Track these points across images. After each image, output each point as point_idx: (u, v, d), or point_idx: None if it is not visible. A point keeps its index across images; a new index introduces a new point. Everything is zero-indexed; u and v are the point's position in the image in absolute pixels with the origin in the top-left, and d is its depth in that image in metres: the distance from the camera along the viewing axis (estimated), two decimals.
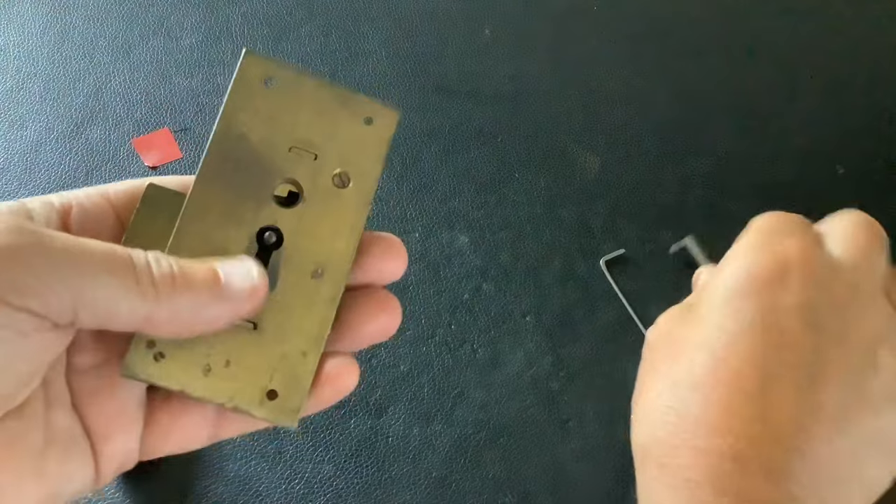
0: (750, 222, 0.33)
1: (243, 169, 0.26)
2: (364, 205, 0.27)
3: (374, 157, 0.27)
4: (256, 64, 0.27)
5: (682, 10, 0.71)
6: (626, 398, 0.54)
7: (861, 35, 0.72)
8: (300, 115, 0.27)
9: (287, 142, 0.26)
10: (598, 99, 0.65)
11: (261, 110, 0.26)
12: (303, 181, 0.26)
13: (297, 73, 0.27)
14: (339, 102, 0.27)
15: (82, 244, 0.21)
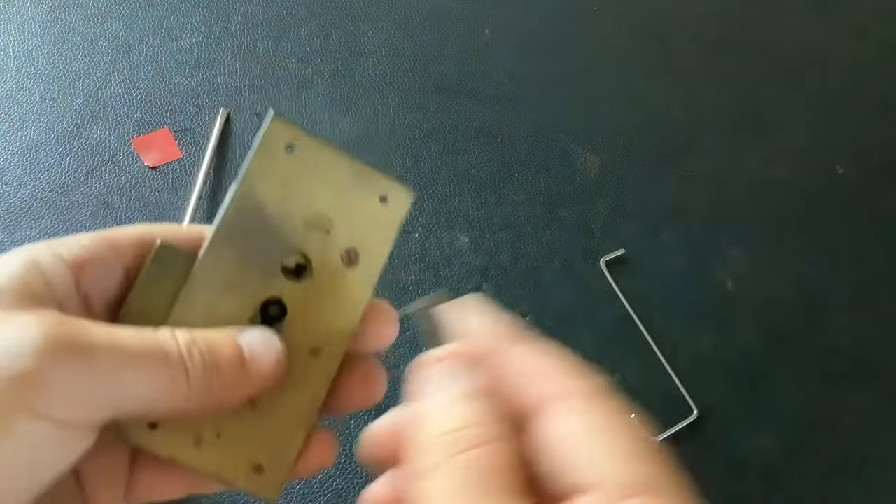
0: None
1: (256, 238, 0.26)
2: (369, 285, 0.27)
3: (384, 237, 0.27)
4: (282, 130, 0.26)
5: (681, 11, 0.71)
6: (625, 398, 0.54)
7: (861, 35, 0.72)
8: (318, 188, 0.26)
9: (302, 214, 0.26)
10: (598, 99, 0.65)
11: (280, 178, 0.26)
12: (313, 255, 0.26)
13: (320, 144, 0.26)
14: (357, 177, 0.27)
15: (117, 343, 0.21)
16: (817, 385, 0.56)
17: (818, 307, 0.59)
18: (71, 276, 0.23)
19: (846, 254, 0.61)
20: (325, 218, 0.26)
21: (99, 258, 0.24)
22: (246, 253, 0.26)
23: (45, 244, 0.24)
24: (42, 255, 0.23)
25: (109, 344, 0.21)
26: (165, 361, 0.22)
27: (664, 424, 0.52)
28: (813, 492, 0.52)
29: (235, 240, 0.26)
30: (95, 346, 0.21)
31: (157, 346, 0.22)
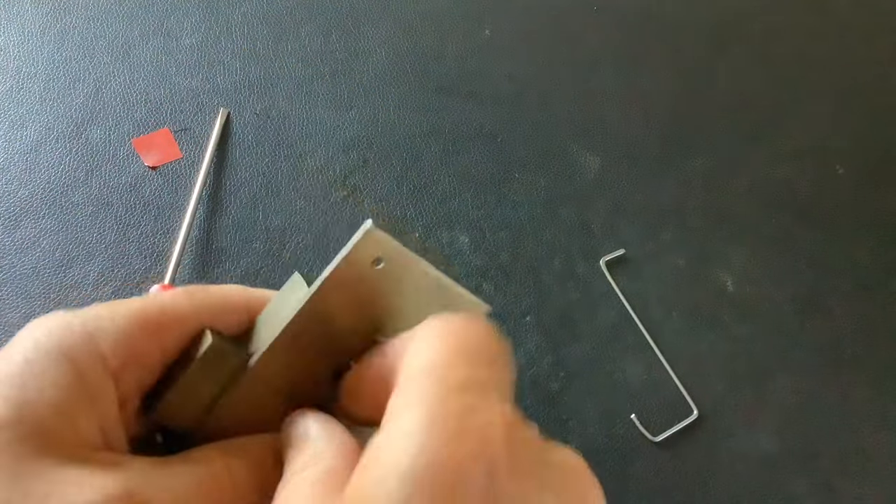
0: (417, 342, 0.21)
1: (314, 350, 0.24)
2: None
3: None
4: (376, 243, 0.23)
5: (681, 11, 0.71)
6: (626, 398, 0.54)
7: (861, 36, 0.72)
8: (394, 303, 0.24)
9: (370, 328, 0.24)
10: (598, 99, 0.65)
11: (357, 294, 0.24)
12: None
13: (410, 260, 0.24)
14: (440, 295, 0.25)
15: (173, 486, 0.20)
16: (817, 384, 0.56)
17: (818, 307, 0.59)
18: (111, 383, 0.20)
19: (846, 254, 0.61)
20: (393, 333, 0.24)
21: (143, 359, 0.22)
22: (301, 360, 0.24)
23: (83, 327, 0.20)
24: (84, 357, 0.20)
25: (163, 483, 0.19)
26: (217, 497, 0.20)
27: (664, 424, 0.53)
28: (813, 492, 0.52)
29: (294, 349, 0.24)
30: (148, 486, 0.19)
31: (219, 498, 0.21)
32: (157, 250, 0.54)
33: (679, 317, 0.57)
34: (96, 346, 0.20)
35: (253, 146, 0.59)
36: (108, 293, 0.52)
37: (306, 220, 0.57)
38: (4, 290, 0.52)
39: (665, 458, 0.52)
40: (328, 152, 0.60)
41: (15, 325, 0.51)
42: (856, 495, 0.53)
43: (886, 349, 0.58)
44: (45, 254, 0.53)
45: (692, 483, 0.51)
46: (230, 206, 0.57)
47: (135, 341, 0.21)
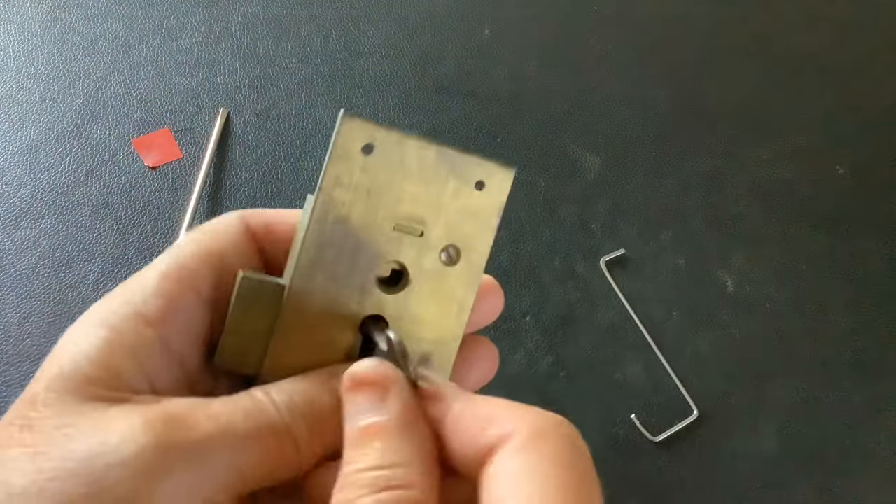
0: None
1: (344, 255, 0.23)
2: (474, 281, 0.25)
3: (485, 226, 0.24)
4: (356, 129, 0.23)
5: (682, 11, 0.71)
6: (626, 398, 0.54)
7: (862, 36, 0.72)
8: (404, 186, 0.23)
9: (390, 219, 0.24)
10: (598, 99, 0.65)
11: (360, 184, 0.23)
12: (408, 262, 0.24)
13: (401, 137, 0.23)
14: (447, 166, 0.24)
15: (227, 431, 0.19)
16: (817, 385, 0.56)
17: (818, 307, 0.59)
18: (155, 336, 0.21)
19: (846, 254, 0.61)
20: (416, 219, 0.24)
21: (180, 304, 0.22)
22: (336, 272, 0.23)
23: (120, 301, 0.21)
24: (121, 321, 0.21)
25: (221, 436, 0.19)
26: (275, 437, 0.20)
27: (664, 424, 0.52)
28: (813, 492, 0.52)
29: (323, 260, 0.23)
30: (207, 443, 0.19)
31: (266, 423, 0.20)
32: (157, 250, 0.54)
33: (679, 317, 0.57)
34: (132, 306, 0.21)
35: (253, 146, 0.59)
36: (107, 293, 0.52)
37: None
38: (4, 290, 0.52)
39: (665, 458, 0.52)
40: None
41: (15, 324, 0.51)
42: (856, 495, 0.53)
43: (886, 349, 0.58)
44: (45, 254, 0.53)
45: (692, 483, 0.51)
46: (230, 206, 0.57)
47: (170, 292, 0.22)
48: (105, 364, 0.20)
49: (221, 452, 0.19)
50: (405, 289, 0.24)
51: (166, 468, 0.18)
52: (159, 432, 0.19)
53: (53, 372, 0.20)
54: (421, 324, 0.24)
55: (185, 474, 0.19)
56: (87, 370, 0.20)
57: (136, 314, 0.21)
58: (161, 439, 0.19)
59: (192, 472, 0.19)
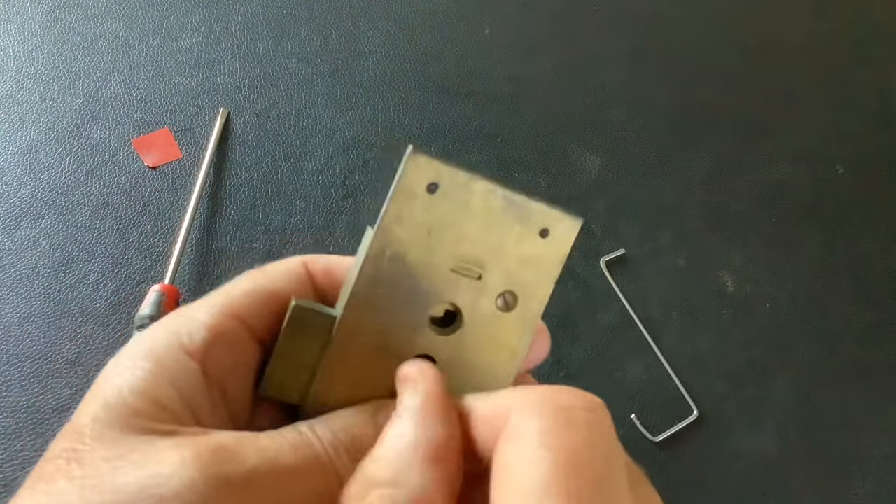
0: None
1: (398, 292, 0.23)
2: (529, 330, 0.24)
3: (546, 275, 0.24)
4: (423, 167, 0.22)
5: (681, 11, 0.71)
6: (625, 398, 0.54)
7: (862, 36, 0.72)
8: (466, 228, 0.23)
9: (448, 261, 0.23)
10: (598, 99, 0.65)
11: (421, 224, 0.23)
12: (463, 305, 0.23)
13: (468, 178, 0.23)
14: (512, 212, 0.23)
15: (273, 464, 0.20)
16: (817, 385, 0.56)
17: (818, 307, 0.59)
18: (197, 369, 0.21)
19: (846, 254, 0.61)
20: (475, 262, 0.23)
21: (224, 336, 0.22)
22: (389, 309, 0.23)
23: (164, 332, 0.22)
24: (164, 353, 0.21)
25: (267, 469, 0.19)
26: (321, 471, 0.20)
27: (664, 424, 0.52)
28: (813, 492, 0.52)
29: (377, 296, 0.23)
30: (254, 475, 0.19)
31: (311, 457, 0.20)
32: (157, 250, 0.54)
33: (679, 317, 0.57)
34: (176, 337, 0.21)
35: (253, 146, 0.59)
36: (108, 293, 0.52)
37: (306, 220, 0.57)
38: (4, 290, 0.52)
39: (665, 458, 0.52)
40: (328, 152, 0.60)
41: (15, 324, 0.51)
42: (856, 495, 0.53)
43: (886, 349, 0.58)
44: (45, 254, 0.53)
45: (692, 483, 0.51)
46: (230, 206, 0.57)
47: (215, 325, 0.22)
48: (150, 395, 0.20)
49: (269, 485, 0.19)
50: (458, 331, 0.24)
51: (217, 499, 0.18)
52: (210, 464, 0.19)
53: (99, 403, 0.20)
54: (471, 368, 0.24)
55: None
56: (133, 402, 0.20)
57: (180, 346, 0.21)
58: (211, 471, 0.19)
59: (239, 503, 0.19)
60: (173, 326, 0.22)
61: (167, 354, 0.21)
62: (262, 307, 0.23)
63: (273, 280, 0.24)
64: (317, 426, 0.21)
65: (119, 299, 0.52)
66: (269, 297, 0.23)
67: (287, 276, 0.24)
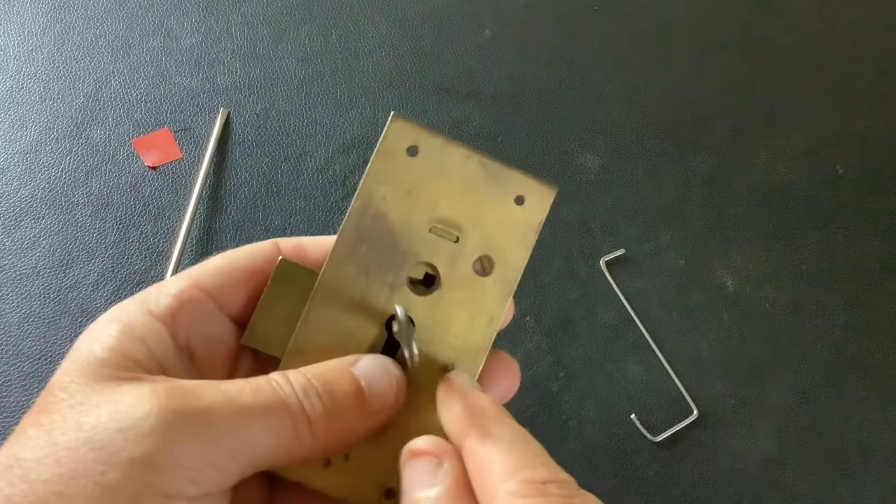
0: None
1: (378, 251, 0.24)
2: (506, 295, 0.25)
3: (521, 242, 0.25)
4: (404, 130, 0.24)
5: (682, 11, 0.71)
6: (626, 398, 0.54)
7: (862, 35, 0.72)
8: (444, 191, 0.24)
9: (427, 221, 0.24)
10: (598, 99, 0.65)
11: (402, 184, 0.24)
12: (441, 266, 0.24)
13: (447, 142, 0.24)
14: (489, 177, 0.24)
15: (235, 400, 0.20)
16: (817, 385, 0.56)
17: (818, 307, 0.59)
18: (164, 329, 0.22)
19: (846, 254, 0.61)
20: (453, 225, 0.24)
21: (190, 305, 0.23)
22: (369, 266, 0.24)
23: (133, 302, 0.23)
24: (132, 316, 0.22)
25: (227, 406, 0.20)
26: (286, 413, 0.21)
27: (664, 424, 0.53)
28: (813, 492, 0.52)
29: (357, 254, 0.24)
30: (213, 411, 0.20)
31: (276, 399, 0.21)
32: (157, 250, 0.54)
33: (679, 317, 0.57)
34: (144, 304, 0.23)
35: (253, 146, 0.59)
36: (108, 293, 0.52)
37: (306, 220, 0.57)
38: (4, 290, 0.52)
39: (665, 458, 0.52)
40: (328, 152, 0.60)
41: (15, 324, 0.51)
42: (856, 495, 0.53)
43: (886, 349, 0.58)
44: (45, 254, 0.53)
45: (692, 483, 0.51)
46: (230, 206, 0.57)
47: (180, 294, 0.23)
48: (117, 349, 0.21)
49: (227, 420, 0.20)
50: (435, 292, 0.24)
51: (172, 430, 0.19)
52: (165, 398, 0.19)
53: (69, 361, 0.21)
54: (448, 330, 0.24)
55: (192, 438, 0.19)
56: (100, 354, 0.21)
57: (147, 311, 0.23)
58: (166, 404, 0.19)
59: (199, 436, 0.19)
60: (141, 297, 0.23)
61: (135, 318, 0.22)
62: (231, 281, 0.24)
63: (243, 257, 0.25)
64: (290, 373, 0.22)
65: (119, 299, 0.52)
66: (238, 272, 0.24)
67: (256, 254, 0.25)
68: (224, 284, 0.24)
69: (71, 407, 0.20)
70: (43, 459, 0.18)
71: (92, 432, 0.19)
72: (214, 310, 0.24)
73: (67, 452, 0.19)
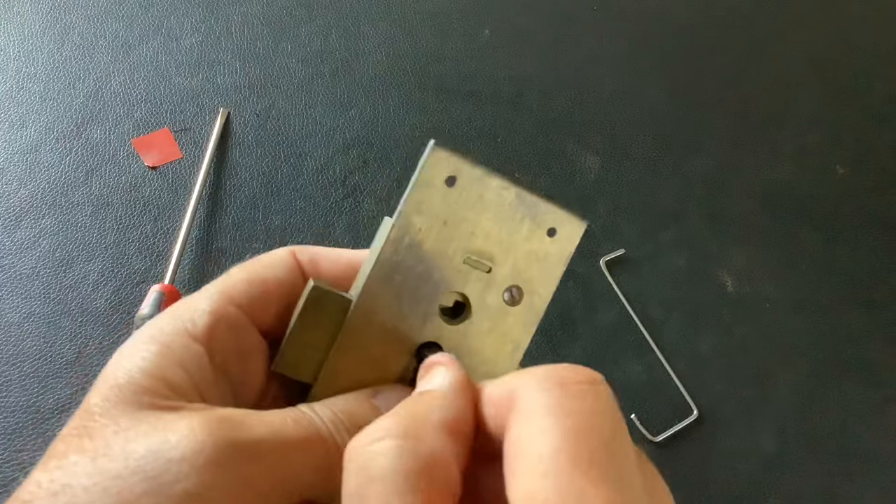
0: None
1: (413, 280, 0.24)
2: (532, 324, 0.25)
3: (551, 273, 0.25)
4: (443, 161, 0.24)
5: (681, 11, 0.71)
6: (625, 398, 0.54)
7: (862, 36, 0.72)
8: (479, 222, 0.24)
9: (462, 252, 0.24)
10: (598, 99, 0.65)
11: (439, 214, 0.24)
12: (472, 296, 0.25)
13: (484, 174, 0.24)
14: (525, 209, 0.25)
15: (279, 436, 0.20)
16: (817, 385, 0.56)
17: (818, 307, 0.59)
18: (202, 351, 0.22)
19: (846, 254, 0.61)
20: (486, 255, 0.25)
21: (226, 321, 0.23)
22: (402, 294, 0.24)
23: (168, 319, 0.23)
24: (168, 337, 0.22)
25: (274, 438, 0.20)
26: (320, 443, 0.21)
27: (664, 424, 0.52)
28: (813, 492, 0.52)
29: (392, 282, 0.24)
30: (263, 442, 0.20)
31: (314, 431, 0.21)
32: (157, 250, 0.54)
33: (679, 317, 0.57)
34: (181, 322, 0.22)
35: (253, 146, 0.59)
36: (108, 293, 0.52)
37: (306, 220, 0.57)
38: (4, 290, 0.52)
39: (665, 458, 0.52)
40: (328, 152, 0.60)
41: (15, 324, 0.51)
42: (856, 495, 0.53)
43: (886, 349, 0.58)
44: (45, 254, 0.53)
45: (692, 483, 0.51)
46: (230, 206, 0.57)
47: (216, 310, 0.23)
48: (158, 375, 0.21)
49: (275, 455, 0.20)
50: (465, 321, 0.25)
51: (224, 463, 0.19)
52: (219, 430, 0.19)
53: (108, 384, 0.21)
54: (476, 358, 0.25)
55: (243, 469, 0.19)
56: (141, 380, 0.20)
57: (184, 330, 0.22)
58: (219, 436, 0.19)
59: (249, 468, 0.19)
60: (177, 314, 0.23)
61: (173, 339, 0.22)
62: (261, 295, 0.24)
63: (266, 269, 0.25)
64: (316, 406, 0.22)
65: (119, 299, 0.52)
66: (264, 284, 0.24)
67: (279, 265, 0.25)
68: (255, 298, 0.24)
69: (115, 434, 0.19)
70: (91, 488, 0.18)
71: (142, 461, 0.18)
72: (248, 325, 0.24)
73: (116, 482, 0.18)
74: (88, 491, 0.18)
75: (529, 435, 0.18)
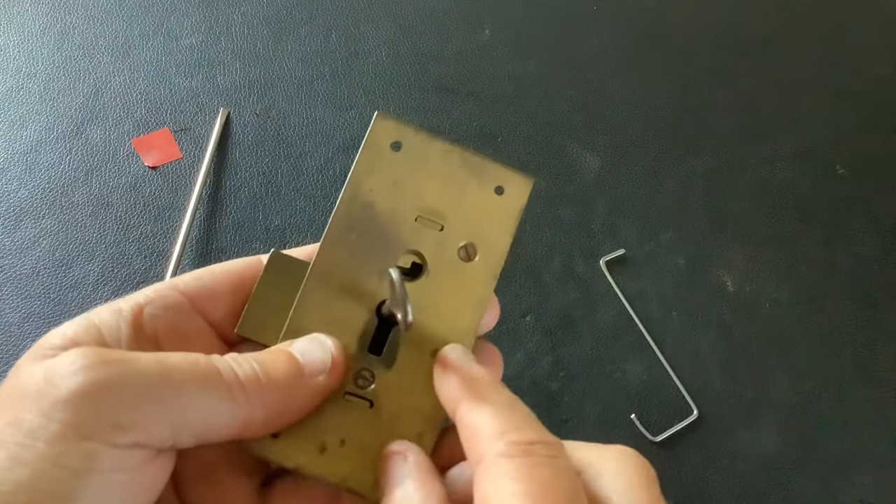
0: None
1: (367, 239, 0.25)
2: (490, 279, 0.26)
3: (503, 228, 0.26)
4: (387, 127, 0.26)
5: (681, 11, 0.71)
6: (626, 398, 0.54)
7: (862, 36, 0.72)
8: (427, 183, 0.26)
9: (413, 211, 0.26)
10: (598, 99, 0.65)
11: (387, 176, 0.26)
12: (427, 253, 0.26)
13: (428, 137, 0.26)
14: (469, 169, 0.26)
15: (167, 362, 0.21)
16: (817, 385, 0.56)
17: (818, 307, 0.59)
18: (125, 319, 0.23)
19: (845, 254, 0.61)
20: (437, 214, 0.26)
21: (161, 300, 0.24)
22: (358, 255, 0.25)
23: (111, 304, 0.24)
24: (98, 311, 0.23)
25: (155, 362, 0.21)
26: (219, 379, 0.22)
27: (664, 424, 0.53)
28: (813, 492, 0.52)
29: (347, 242, 0.25)
30: (138, 360, 0.21)
31: (209, 365, 0.22)
32: (157, 250, 0.54)
33: (679, 317, 0.57)
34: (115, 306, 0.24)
35: (253, 146, 0.59)
36: (108, 293, 0.52)
37: (306, 220, 0.57)
38: (4, 290, 0.52)
39: (665, 457, 0.52)
40: (328, 152, 0.60)
41: (15, 324, 0.51)
42: (856, 495, 0.53)
43: (886, 349, 0.58)
44: (45, 254, 0.53)
45: (692, 483, 0.51)
46: (230, 206, 0.57)
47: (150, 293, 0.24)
48: (68, 335, 0.22)
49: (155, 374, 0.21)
50: (423, 279, 0.26)
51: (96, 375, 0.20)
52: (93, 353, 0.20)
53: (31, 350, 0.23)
54: (437, 315, 0.25)
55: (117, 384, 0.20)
56: (52, 341, 0.22)
57: (115, 307, 0.24)
58: (93, 355, 0.20)
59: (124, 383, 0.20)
60: (114, 303, 0.24)
61: (99, 311, 0.23)
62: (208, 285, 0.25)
63: (224, 265, 0.26)
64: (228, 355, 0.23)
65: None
66: (217, 276, 0.25)
67: (238, 262, 0.26)
68: (202, 287, 0.25)
69: (13, 376, 0.21)
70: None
71: (22, 384, 0.20)
72: (189, 310, 0.25)
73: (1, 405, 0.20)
74: None
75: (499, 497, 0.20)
